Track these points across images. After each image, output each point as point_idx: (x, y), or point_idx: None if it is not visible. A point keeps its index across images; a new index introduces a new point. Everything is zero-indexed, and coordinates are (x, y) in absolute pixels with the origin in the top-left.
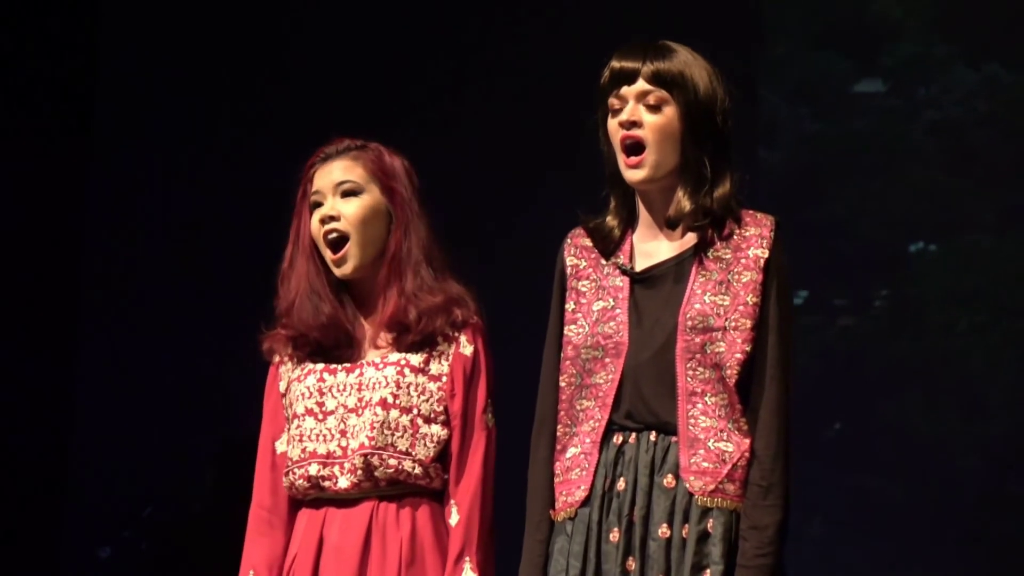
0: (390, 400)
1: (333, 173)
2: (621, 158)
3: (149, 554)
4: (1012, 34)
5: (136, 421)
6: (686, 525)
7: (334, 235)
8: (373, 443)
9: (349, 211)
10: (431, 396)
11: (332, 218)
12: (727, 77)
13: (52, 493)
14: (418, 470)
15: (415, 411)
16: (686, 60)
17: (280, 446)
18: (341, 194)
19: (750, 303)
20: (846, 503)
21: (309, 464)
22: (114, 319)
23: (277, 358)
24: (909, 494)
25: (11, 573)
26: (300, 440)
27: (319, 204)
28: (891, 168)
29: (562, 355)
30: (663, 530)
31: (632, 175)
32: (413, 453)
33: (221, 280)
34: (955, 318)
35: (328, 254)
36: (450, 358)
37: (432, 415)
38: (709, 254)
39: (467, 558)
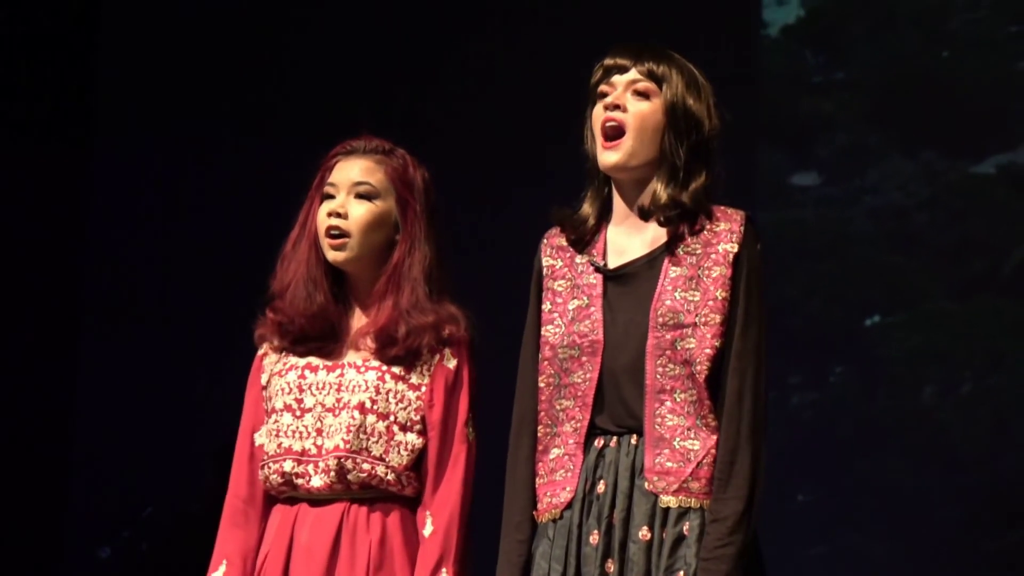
0: (368, 405)
1: (353, 170)
2: (599, 142)
3: (149, 554)
4: (944, 123)
5: (136, 422)
6: (665, 528)
7: (335, 232)
8: (348, 446)
9: (357, 213)
10: (409, 404)
11: (339, 215)
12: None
13: (52, 493)
14: (391, 476)
15: (392, 418)
16: (681, 64)
17: (259, 438)
18: (356, 195)
19: (719, 298)
20: (829, 563)
21: (284, 460)
22: (115, 320)
23: (262, 349)
24: (890, 550)
25: (11, 573)
26: (277, 435)
27: (331, 196)
28: (837, 251)
29: (540, 355)
30: (643, 533)
31: (606, 158)
32: (387, 459)
33: (221, 280)
34: (924, 379)
35: (326, 241)
36: (432, 369)
37: (409, 423)
38: (679, 250)
39: (444, 568)
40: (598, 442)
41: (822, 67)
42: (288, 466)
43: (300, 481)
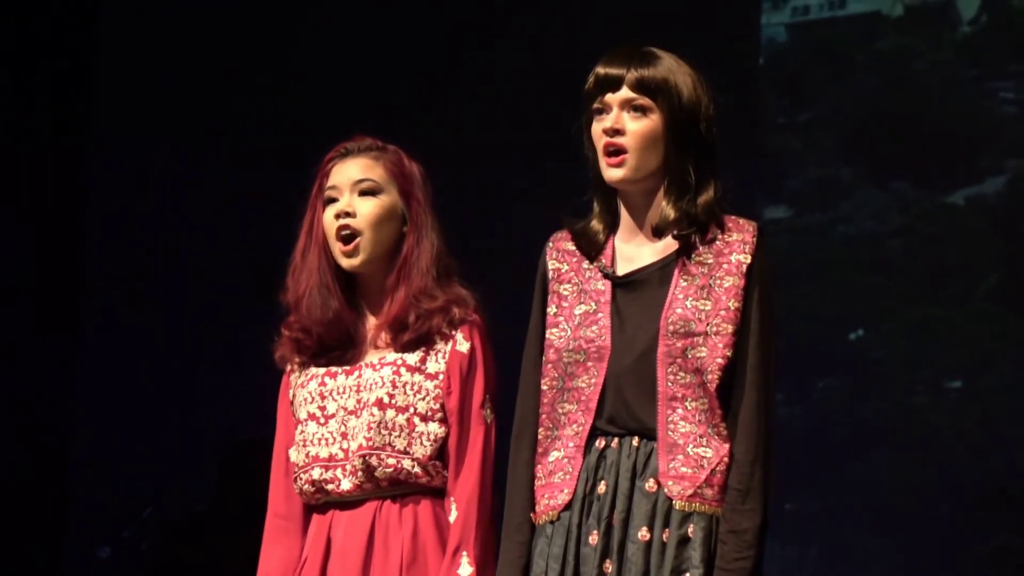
0: (386, 400)
1: (352, 170)
2: (603, 159)
3: (149, 554)
4: (912, 158)
5: (136, 421)
6: (666, 529)
7: (347, 231)
8: (371, 443)
9: (365, 209)
10: (427, 394)
11: (347, 214)
12: (712, 85)
13: (52, 493)
14: (417, 469)
15: (411, 410)
16: (670, 67)
17: (292, 454)
18: (359, 192)
19: (732, 308)
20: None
21: (312, 468)
22: (115, 319)
23: (288, 367)
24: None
25: (11, 573)
26: (304, 445)
27: (334, 200)
28: (814, 275)
29: (544, 358)
30: (643, 533)
31: (611, 174)
32: (411, 452)
33: (221, 280)
34: (917, 380)
35: (339, 247)
36: (447, 356)
37: (429, 413)
38: (691, 259)
39: (464, 552)
40: (599, 443)
41: (786, 109)
42: (316, 473)
43: (331, 487)
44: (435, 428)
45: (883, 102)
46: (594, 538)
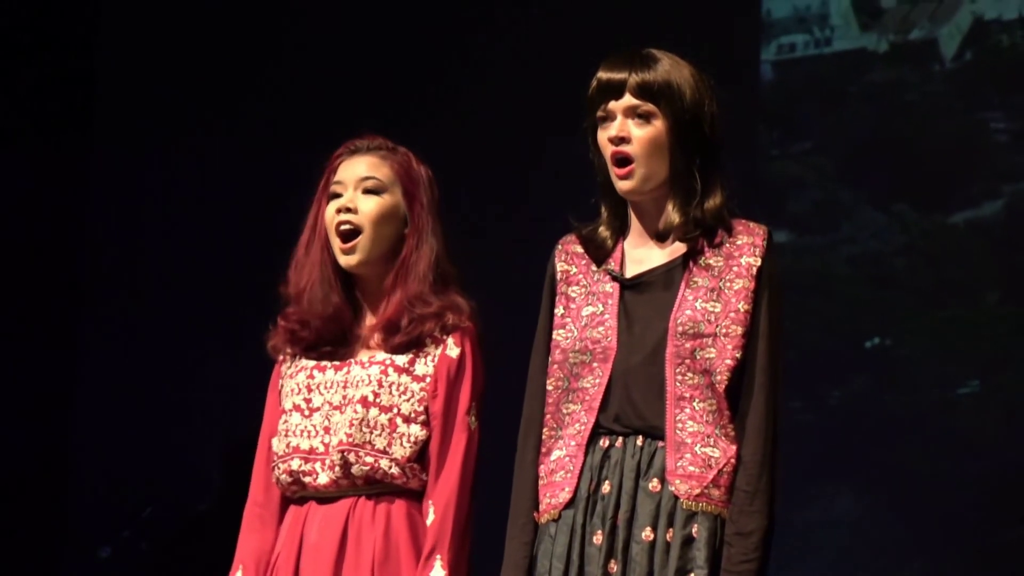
0: (371, 398)
1: (358, 167)
2: (612, 170)
3: (149, 554)
4: (910, 184)
5: (136, 421)
6: (670, 529)
7: (347, 227)
8: (351, 440)
9: (367, 207)
10: (412, 396)
11: (348, 210)
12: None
13: (52, 493)
14: (395, 469)
15: (395, 410)
16: (671, 68)
17: (274, 443)
18: (363, 190)
19: (741, 310)
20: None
21: (291, 459)
22: (115, 318)
23: (280, 356)
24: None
25: (11, 573)
26: (286, 435)
27: (338, 195)
28: (820, 288)
29: (550, 359)
30: (647, 534)
31: (622, 185)
32: (390, 452)
33: (221, 278)
34: (935, 381)
35: (337, 243)
36: (435, 359)
37: (412, 415)
38: (700, 262)
39: (438, 556)
40: (603, 442)
41: (779, 141)
42: (295, 464)
43: (308, 479)
44: (416, 430)
45: (878, 130)
46: (598, 538)
